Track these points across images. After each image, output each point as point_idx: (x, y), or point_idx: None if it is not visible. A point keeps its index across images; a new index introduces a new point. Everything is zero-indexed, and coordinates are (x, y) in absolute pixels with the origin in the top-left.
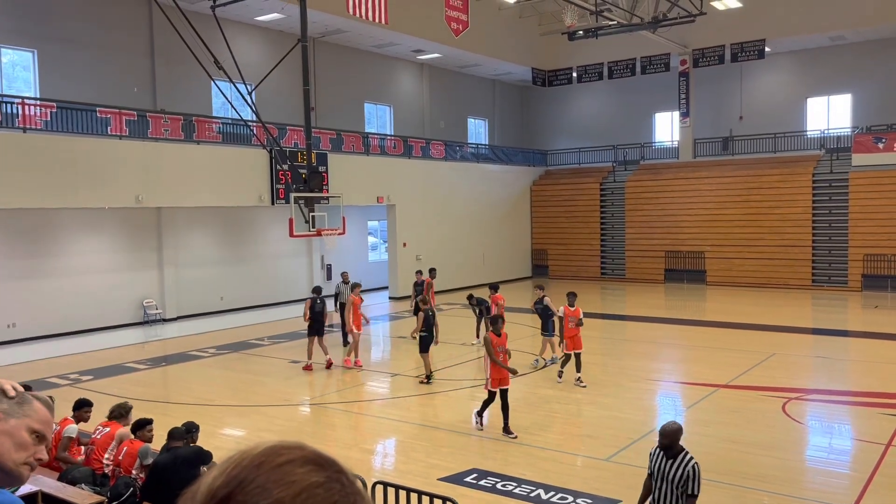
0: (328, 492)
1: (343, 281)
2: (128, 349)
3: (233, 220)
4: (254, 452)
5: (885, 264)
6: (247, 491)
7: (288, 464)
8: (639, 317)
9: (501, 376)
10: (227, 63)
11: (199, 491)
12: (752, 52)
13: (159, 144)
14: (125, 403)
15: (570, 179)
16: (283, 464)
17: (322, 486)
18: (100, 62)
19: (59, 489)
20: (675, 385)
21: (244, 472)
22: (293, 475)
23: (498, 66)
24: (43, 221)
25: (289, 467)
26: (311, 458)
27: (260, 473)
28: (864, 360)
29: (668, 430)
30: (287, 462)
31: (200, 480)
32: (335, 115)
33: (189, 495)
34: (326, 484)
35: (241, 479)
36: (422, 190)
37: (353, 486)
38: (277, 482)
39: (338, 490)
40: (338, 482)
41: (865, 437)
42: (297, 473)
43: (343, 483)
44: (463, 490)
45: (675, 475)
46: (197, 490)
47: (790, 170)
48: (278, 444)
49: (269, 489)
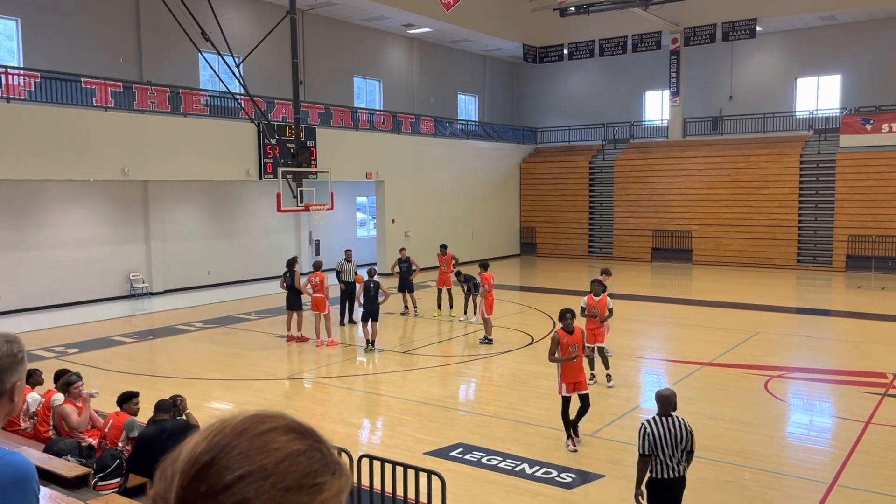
0: (309, 459)
1: (346, 259)
2: (114, 322)
3: (220, 194)
4: (236, 420)
5: (869, 245)
6: (230, 457)
7: (270, 431)
8: (625, 295)
9: (577, 380)
10: (214, 35)
11: (179, 457)
12: (744, 32)
13: (145, 116)
14: (66, 376)
15: (560, 157)
16: (265, 432)
17: (304, 454)
18: (85, 32)
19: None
20: (660, 362)
21: (227, 438)
22: (276, 443)
23: (489, 41)
24: (28, 193)
25: (271, 435)
26: (292, 427)
27: (242, 440)
28: (846, 340)
29: (667, 394)
30: (269, 430)
31: (181, 446)
32: (324, 90)
33: (170, 460)
34: (308, 452)
35: (223, 445)
36: (411, 166)
37: (333, 455)
38: (260, 449)
39: (318, 458)
40: (318, 451)
41: (846, 414)
42: (279, 441)
43: (323, 452)
44: (449, 464)
45: (677, 434)
46: (178, 456)
47: (778, 150)
48: (260, 413)
49: (251, 456)
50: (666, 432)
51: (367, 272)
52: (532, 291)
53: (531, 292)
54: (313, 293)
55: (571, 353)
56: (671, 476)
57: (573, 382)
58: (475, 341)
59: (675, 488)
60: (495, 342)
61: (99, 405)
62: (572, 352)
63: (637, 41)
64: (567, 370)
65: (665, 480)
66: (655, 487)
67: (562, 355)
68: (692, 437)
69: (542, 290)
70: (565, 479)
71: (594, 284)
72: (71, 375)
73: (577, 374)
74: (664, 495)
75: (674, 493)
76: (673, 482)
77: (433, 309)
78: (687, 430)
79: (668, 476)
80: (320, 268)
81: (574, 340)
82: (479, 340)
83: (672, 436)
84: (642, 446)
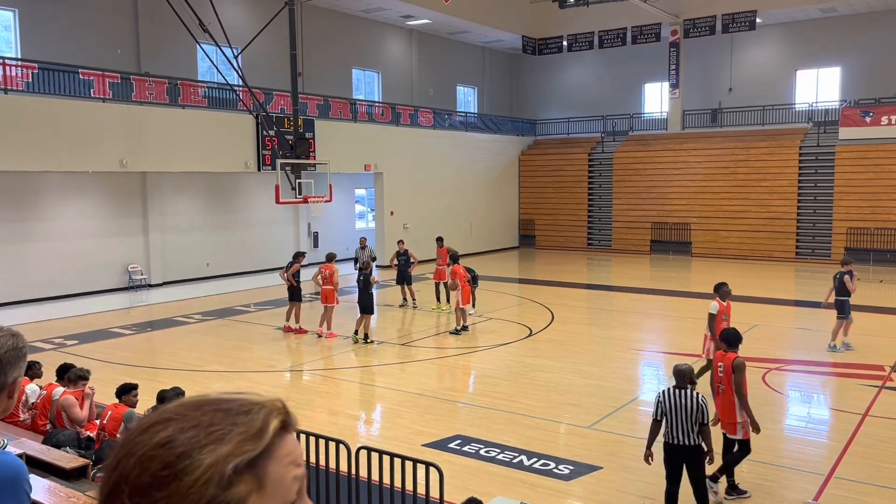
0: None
1: (361, 246)
2: (113, 314)
3: (219, 186)
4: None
5: (867, 238)
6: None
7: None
8: (624, 287)
9: (721, 417)
10: (212, 26)
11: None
12: (744, 24)
13: (144, 108)
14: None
15: (559, 149)
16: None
17: (164, 444)
18: (83, 23)
19: (43, 452)
20: (659, 355)
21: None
22: (137, 447)
23: (488, 33)
24: (26, 184)
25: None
26: (162, 419)
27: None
28: None
29: (682, 368)
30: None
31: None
32: (323, 81)
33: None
34: (171, 437)
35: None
36: (410, 158)
37: (214, 418)
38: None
39: (187, 439)
40: (189, 428)
41: (843, 407)
42: (141, 444)
43: (199, 423)
44: (447, 456)
45: (688, 406)
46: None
47: (778, 143)
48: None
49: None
50: (678, 402)
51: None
52: (531, 284)
53: (530, 284)
54: (322, 285)
55: (719, 383)
56: (682, 443)
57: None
58: (473, 334)
59: (685, 454)
60: (494, 334)
61: (98, 397)
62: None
63: (636, 33)
64: (719, 401)
65: (675, 446)
66: (667, 451)
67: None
68: (703, 412)
69: (540, 282)
70: (563, 471)
71: (719, 288)
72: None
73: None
74: (673, 458)
75: (685, 458)
76: (682, 448)
77: (431, 301)
78: (697, 404)
79: (679, 442)
80: (332, 259)
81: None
82: (449, 332)
83: (683, 407)
84: (655, 412)
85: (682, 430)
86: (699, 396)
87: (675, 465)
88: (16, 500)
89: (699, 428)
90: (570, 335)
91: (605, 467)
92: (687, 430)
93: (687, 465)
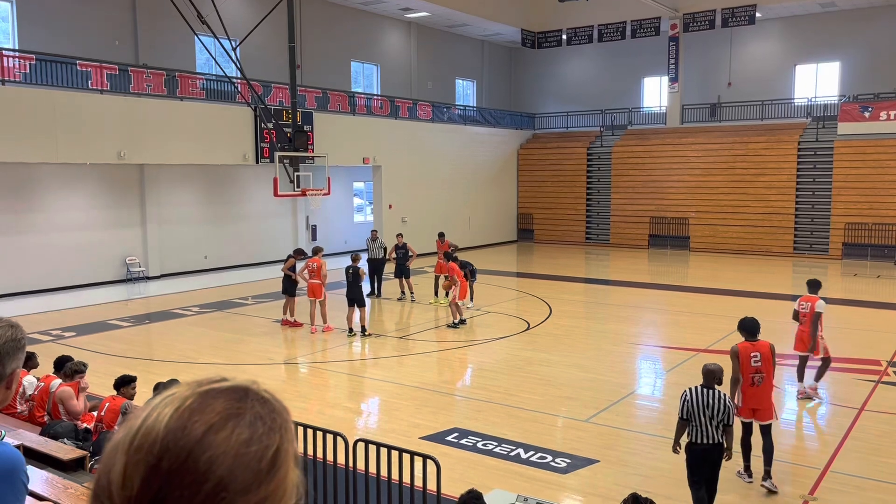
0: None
1: (372, 238)
2: (110, 306)
3: (217, 178)
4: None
5: (865, 233)
6: None
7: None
8: (622, 282)
9: (758, 406)
10: (211, 17)
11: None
12: (743, 18)
13: (142, 100)
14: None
15: (558, 143)
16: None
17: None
18: (80, 14)
19: (41, 443)
20: (656, 349)
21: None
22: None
23: (487, 26)
24: (23, 176)
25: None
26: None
27: None
28: (841, 327)
29: (711, 368)
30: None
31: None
32: (321, 74)
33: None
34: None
35: None
36: (408, 151)
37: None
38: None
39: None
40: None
41: (839, 401)
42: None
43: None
44: (444, 448)
45: (714, 406)
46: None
47: (776, 137)
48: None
49: None
50: (703, 402)
51: (352, 258)
52: (529, 278)
53: (528, 278)
54: (309, 279)
55: (750, 372)
56: (706, 442)
57: (751, 409)
58: (471, 327)
59: (710, 453)
60: (492, 327)
61: (95, 389)
62: (753, 366)
63: (636, 27)
64: (747, 393)
65: (700, 445)
66: (691, 450)
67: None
68: (728, 412)
69: (538, 276)
70: (560, 464)
71: (811, 285)
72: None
73: (762, 400)
74: (698, 458)
75: (708, 458)
76: (707, 448)
77: (430, 295)
78: (725, 405)
79: (703, 441)
80: (318, 253)
81: (758, 348)
82: (447, 325)
83: (709, 407)
84: (681, 410)
85: (707, 430)
86: (726, 397)
87: (703, 468)
88: (13, 492)
89: (724, 428)
90: (567, 329)
91: (601, 461)
92: (711, 430)
93: (710, 465)
